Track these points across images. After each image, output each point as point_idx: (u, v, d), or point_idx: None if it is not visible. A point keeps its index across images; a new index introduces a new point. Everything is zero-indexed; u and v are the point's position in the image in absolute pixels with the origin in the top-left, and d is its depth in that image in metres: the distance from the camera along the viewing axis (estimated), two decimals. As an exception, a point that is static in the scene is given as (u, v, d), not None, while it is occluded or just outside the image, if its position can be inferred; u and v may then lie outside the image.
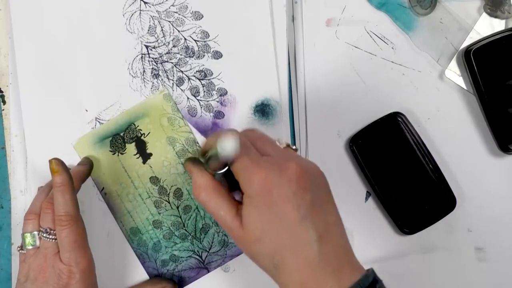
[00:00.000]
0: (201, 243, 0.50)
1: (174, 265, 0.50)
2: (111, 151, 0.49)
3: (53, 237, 0.43)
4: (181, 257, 0.50)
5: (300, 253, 0.35)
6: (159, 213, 0.50)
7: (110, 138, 0.49)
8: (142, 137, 0.49)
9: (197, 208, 0.50)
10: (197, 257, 0.50)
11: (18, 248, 0.45)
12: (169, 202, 0.50)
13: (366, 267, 0.36)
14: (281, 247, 0.35)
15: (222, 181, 0.39)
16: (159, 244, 0.50)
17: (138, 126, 0.49)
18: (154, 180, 0.50)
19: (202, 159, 0.40)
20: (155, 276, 0.50)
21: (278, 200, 0.35)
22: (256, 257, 0.37)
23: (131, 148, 0.49)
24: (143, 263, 0.50)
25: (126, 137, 0.49)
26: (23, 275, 0.44)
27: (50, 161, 0.44)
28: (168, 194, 0.50)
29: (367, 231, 0.51)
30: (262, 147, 0.38)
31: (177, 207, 0.50)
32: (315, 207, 0.36)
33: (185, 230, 0.50)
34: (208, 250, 0.50)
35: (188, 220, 0.50)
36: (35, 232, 0.44)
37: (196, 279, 0.50)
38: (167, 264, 0.50)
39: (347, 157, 0.51)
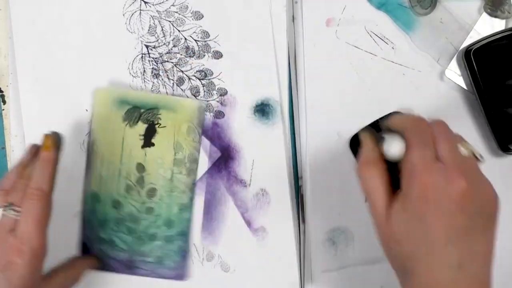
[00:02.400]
0: (141, 246, 0.50)
1: (108, 247, 0.50)
2: (123, 117, 0.49)
3: (15, 213, 0.41)
4: (117, 245, 0.50)
5: (433, 273, 0.34)
6: (125, 197, 0.50)
7: (130, 107, 0.49)
8: (157, 126, 0.49)
9: (159, 215, 0.50)
10: (130, 255, 0.50)
11: None
12: (139, 195, 0.50)
13: (366, 267, 0.36)
14: (417, 259, 0.34)
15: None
16: (107, 223, 0.50)
17: (160, 114, 0.49)
18: (140, 167, 0.50)
19: (377, 135, 0.39)
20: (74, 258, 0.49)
21: (431, 213, 0.34)
22: (389, 255, 0.36)
23: (141, 127, 0.49)
24: (82, 228, 0.50)
25: (143, 115, 0.49)
26: None
27: (46, 136, 0.43)
28: (143, 187, 0.50)
29: (367, 231, 0.51)
30: (442, 147, 0.36)
31: (142, 203, 0.50)
32: (467, 234, 0.34)
33: (136, 226, 0.50)
34: (142, 255, 0.50)
35: (145, 220, 0.50)
36: None
37: (115, 272, 0.50)
38: (101, 243, 0.50)
39: (347, 157, 0.51)
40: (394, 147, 0.35)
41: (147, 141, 0.50)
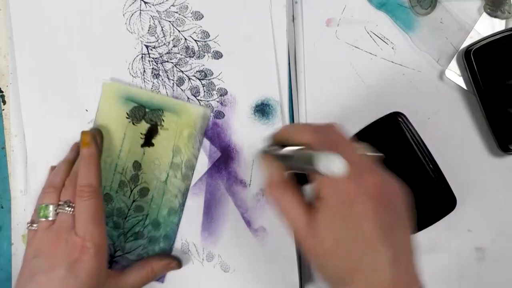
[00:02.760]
0: (125, 242, 0.50)
1: None
2: (127, 114, 0.49)
3: (71, 209, 0.42)
4: None
5: (373, 275, 0.33)
6: (116, 192, 0.50)
7: (136, 105, 0.49)
8: (159, 127, 0.49)
9: (147, 215, 0.50)
10: (112, 249, 0.50)
11: (28, 224, 0.44)
12: (131, 191, 0.50)
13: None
14: (354, 265, 0.33)
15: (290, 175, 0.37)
16: None
17: (164, 115, 0.49)
18: (137, 166, 0.50)
19: (272, 150, 0.38)
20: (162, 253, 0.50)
21: (358, 214, 0.33)
22: (320, 267, 0.35)
23: (143, 126, 0.49)
24: None
25: (148, 115, 0.49)
26: (31, 251, 0.42)
27: (84, 133, 0.45)
28: (136, 185, 0.50)
29: (367, 231, 0.51)
30: (343, 150, 0.35)
31: (133, 201, 0.50)
32: (393, 229, 0.34)
33: (123, 222, 0.50)
34: (124, 252, 0.50)
35: (132, 218, 0.50)
36: (52, 205, 0.43)
37: None
38: None
39: (347, 157, 0.51)
40: (334, 165, 0.33)
41: (148, 140, 0.50)
